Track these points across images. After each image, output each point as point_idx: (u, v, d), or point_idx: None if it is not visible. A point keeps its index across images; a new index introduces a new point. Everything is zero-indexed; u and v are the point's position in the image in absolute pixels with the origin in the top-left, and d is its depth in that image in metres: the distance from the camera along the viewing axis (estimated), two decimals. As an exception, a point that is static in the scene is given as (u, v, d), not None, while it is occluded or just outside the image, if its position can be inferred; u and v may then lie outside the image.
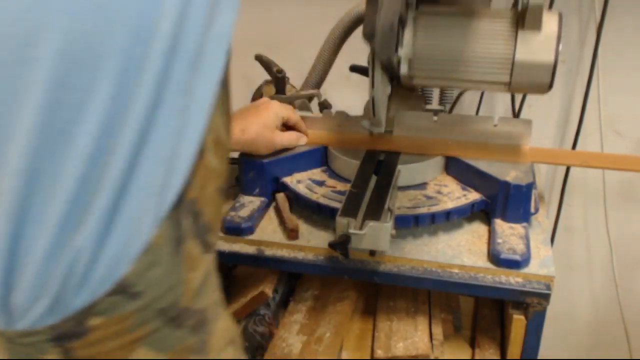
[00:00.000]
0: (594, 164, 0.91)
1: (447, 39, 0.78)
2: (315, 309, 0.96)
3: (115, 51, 0.42)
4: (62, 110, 0.42)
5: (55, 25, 0.41)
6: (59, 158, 0.43)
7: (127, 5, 0.42)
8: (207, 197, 0.53)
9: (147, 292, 0.49)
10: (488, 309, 0.98)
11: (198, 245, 0.53)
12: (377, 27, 0.71)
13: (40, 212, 0.44)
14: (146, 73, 0.43)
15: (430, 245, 0.83)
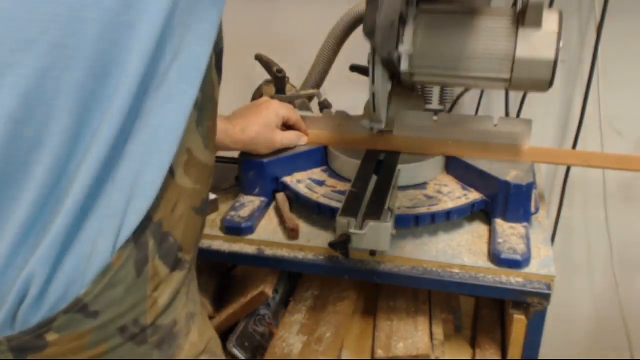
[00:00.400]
0: (594, 163, 0.91)
1: (447, 36, 0.78)
2: (316, 309, 0.96)
3: (73, 88, 0.43)
4: (20, 142, 0.43)
5: (14, 62, 0.42)
6: (16, 186, 0.44)
7: (85, 43, 0.43)
8: (176, 218, 0.53)
9: (106, 312, 0.49)
10: (488, 309, 0.98)
11: (165, 265, 0.53)
12: (377, 24, 0.71)
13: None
14: (109, 108, 0.45)
15: (431, 245, 0.83)
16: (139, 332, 0.52)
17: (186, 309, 0.58)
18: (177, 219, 0.53)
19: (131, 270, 0.49)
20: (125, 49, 0.44)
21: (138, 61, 0.45)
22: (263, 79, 1.09)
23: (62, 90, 0.43)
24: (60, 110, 0.43)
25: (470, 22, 0.78)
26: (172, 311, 0.55)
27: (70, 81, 0.43)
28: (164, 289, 0.53)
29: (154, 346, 0.54)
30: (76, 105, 0.44)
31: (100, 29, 0.43)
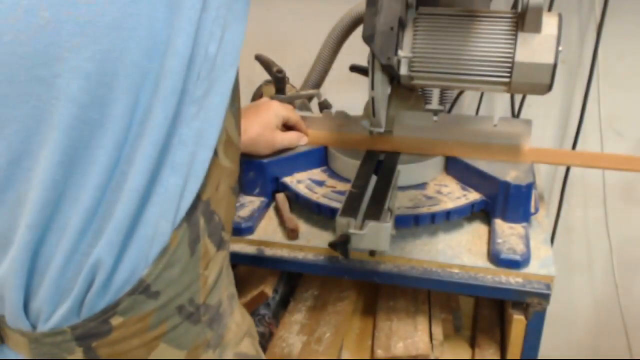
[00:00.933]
0: (594, 164, 0.91)
1: (447, 40, 0.78)
2: (316, 309, 0.96)
3: (130, 69, 0.44)
4: (84, 126, 0.44)
5: (73, 46, 0.42)
6: (81, 171, 0.45)
7: (140, 24, 0.43)
8: (220, 197, 0.54)
9: (166, 291, 0.50)
10: (488, 309, 0.98)
11: (212, 243, 0.54)
12: (377, 29, 0.72)
13: (62, 223, 0.46)
14: (162, 88, 0.45)
15: (430, 245, 0.83)
16: (194, 310, 0.53)
17: (227, 289, 0.59)
18: (220, 198, 0.55)
19: (185, 250, 0.51)
20: (176, 29, 0.45)
21: (187, 41, 0.45)
22: (263, 79, 1.09)
23: (121, 72, 0.43)
24: (119, 92, 0.44)
25: (469, 25, 0.78)
26: (217, 291, 0.56)
27: (127, 62, 0.43)
28: (212, 267, 0.55)
29: (207, 325, 0.55)
30: (133, 86, 0.44)
31: (152, 9, 0.43)
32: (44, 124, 0.43)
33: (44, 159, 0.44)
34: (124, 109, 0.44)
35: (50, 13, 0.41)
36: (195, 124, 0.48)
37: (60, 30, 0.42)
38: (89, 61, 0.42)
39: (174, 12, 0.44)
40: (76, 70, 0.42)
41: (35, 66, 0.42)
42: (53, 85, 0.42)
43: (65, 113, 0.43)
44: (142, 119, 0.45)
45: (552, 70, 0.75)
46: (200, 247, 0.52)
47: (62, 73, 0.42)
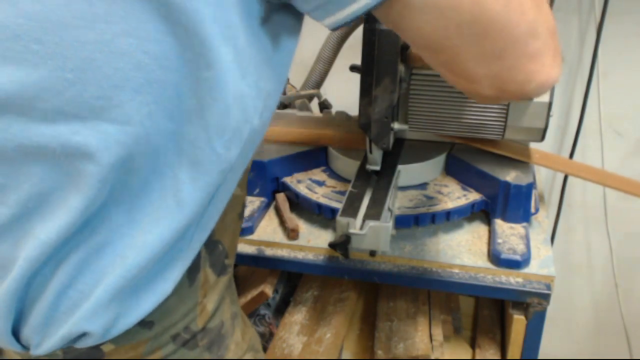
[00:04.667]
0: (609, 183, 0.91)
1: (440, 102, 0.80)
2: (316, 309, 0.96)
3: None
4: (113, 189, 0.44)
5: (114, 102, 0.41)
6: (92, 227, 0.45)
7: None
8: (226, 226, 0.54)
9: (160, 321, 0.50)
10: (488, 310, 0.98)
11: (213, 272, 0.53)
12: (372, 119, 0.75)
13: (60, 258, 0.45)
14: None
15: (431, 245, 0.83)
16: (189, 337, 0.52)
17: (230, 309, 0.59)
18: (226, 226, 0.54)
19: (184, 280, 0.50)
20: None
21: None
22: (263, 79, 1.08)
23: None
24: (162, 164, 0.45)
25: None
26: (218, 315, 0.56)
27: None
28: (212, 294, 0.54)
29: (205, 349, 0.54)
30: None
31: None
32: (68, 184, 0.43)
33: (64, 209, 0.43)
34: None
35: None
36: (227, 186, 0.49)
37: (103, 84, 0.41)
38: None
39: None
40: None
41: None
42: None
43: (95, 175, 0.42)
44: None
45: (543, 131, 0.79)
46: (199, 277, 0.52)
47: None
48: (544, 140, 0.81)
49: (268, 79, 0.46)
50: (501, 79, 0.45)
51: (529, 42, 0.43)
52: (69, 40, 0.38)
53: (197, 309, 0.52)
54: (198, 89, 0.41)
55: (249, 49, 0.43)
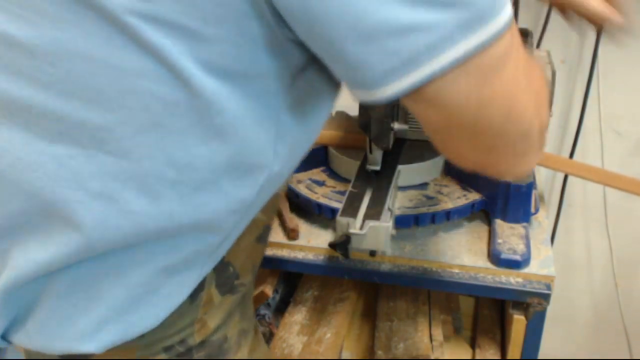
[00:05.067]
0: (609, 182, 0.91)
1: None
2: (316, 309, 0.96)
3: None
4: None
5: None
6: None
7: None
8: (239, 249, 0.53)
9: (153, 332, 0.49)
10: (488, 310, 0.98)
11: (219, 292, 0.52)
12: (372, 118, 0.76)
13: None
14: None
15: (431, 245, 0.83)
16: (184, 351, 0.52)
17: (239, 325, 0.57)
18: (240, 250, 0.53)
19: (186, 298, 0.49)
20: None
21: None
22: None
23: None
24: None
25: None
26: (223, 329, 0.55)
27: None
28: (216, 312, 0.53)
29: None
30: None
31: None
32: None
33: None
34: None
35: None
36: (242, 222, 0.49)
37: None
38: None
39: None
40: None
41: None
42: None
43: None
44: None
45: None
46: (202, 295, 0.51)
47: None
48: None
49: (293, 127, 0.46)
50: (485, 165, 0.48)
51: (519, 144, 0.45)
52: (80, 71, 0.39)
53: (195, 325, 0.52)
54: (206, 135, 0.42)
55: (266, 97, 0.43)
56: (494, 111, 0.42)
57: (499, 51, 0.39)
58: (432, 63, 0.37)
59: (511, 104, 0.42)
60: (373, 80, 0.39)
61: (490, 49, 0.38)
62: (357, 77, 0.40)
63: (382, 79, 0.38)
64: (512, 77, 0.42)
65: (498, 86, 0.41)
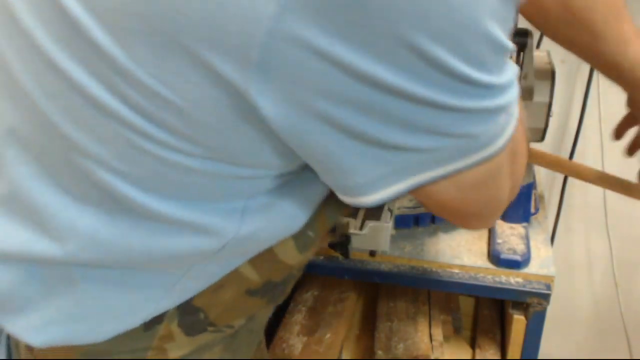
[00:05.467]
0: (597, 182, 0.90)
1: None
2: (316, 309, 0.96)
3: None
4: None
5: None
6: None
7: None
8: (218, 300, 0.50)
9: (102, 343, 0.48)
10: (488, 310, 0.98)
11: (183, 331, 0.50)
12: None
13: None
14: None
15: (431, 245, 0.83)
16: None
17: (217, 357, 0.54)
18: (218, 301, 0.50)
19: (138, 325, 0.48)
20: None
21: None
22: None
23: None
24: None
25: None
26: (194, 357, 0.52)
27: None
28: (177, 347, 0.50)
29: None
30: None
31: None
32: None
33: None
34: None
35: None
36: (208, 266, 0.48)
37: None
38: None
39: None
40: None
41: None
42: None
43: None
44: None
45: (543, 132, 0.79)
46: (159, 328, 0.49)
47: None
48: (544, 140, 0.81)
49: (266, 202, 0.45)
50: (452, 220, 0.50)
51: (492, 217, 0.49)
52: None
53: (149, 351, 0.49)
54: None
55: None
56: (474, 205, 0.44)
57: (490, 167, 0.40)
58: (421, 176, 0.38)
59: (492, 199, 0.44)
60: (364, 187, 0.39)
61: (480, 167, 0.39)
62: (348, 183, 0.39)
63: (371, 186, 0.39)
64: (499, 182, 0.43)
65: (483, 192, 0.43)
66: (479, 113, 0.36)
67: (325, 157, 0.38)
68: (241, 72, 0.32)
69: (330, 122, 0.35)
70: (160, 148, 0.38)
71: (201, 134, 0.37)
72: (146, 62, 0.34)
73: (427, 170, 0.38)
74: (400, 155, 0.37)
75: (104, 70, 0.35)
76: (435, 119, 0.35)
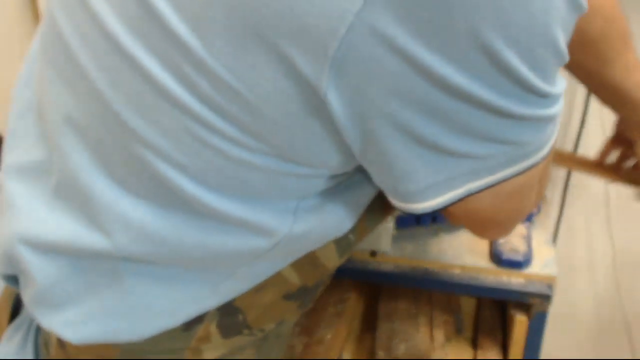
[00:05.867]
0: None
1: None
2: (316, 310, 0.96)
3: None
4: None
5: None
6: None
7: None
8: (258, 302, 0.50)
9: (140, 342, 0.48)
10: (490, 310, 0.97)
11: (220, 332, 0.50)
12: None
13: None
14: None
15: (432, 245, 0.83)
16: None
17: (252, 357, 0.54)
18: (258, 303, 0.50)
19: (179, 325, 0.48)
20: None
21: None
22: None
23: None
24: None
25: None
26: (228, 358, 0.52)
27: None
28: (213, 349, 0.51)
29: None
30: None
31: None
32: None
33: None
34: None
35: None
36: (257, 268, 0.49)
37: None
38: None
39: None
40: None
41: None
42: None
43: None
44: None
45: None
46: (198, 329, 0.49)
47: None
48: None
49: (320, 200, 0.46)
50: (489, 228, 0.49)
51: (513, 226, 0.49)
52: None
53: (185, 351, 0.49)
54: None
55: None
56: (503, 214, 0.44)
57: (530, 176, 0.41)
58: (473, 184, 0.39)
59: (520, 208, 0.45)
60: (415, 194, 0.39)
61: (522, 176, 0.40)
62: (400, 188, 0.40)
63: (421, 194, 0.39)
64: (530, 191, 0.44)
65: (515, 200, 0.43)
66: (534, 122, 0.37)
67: (384, 159, 0.38)
68: (316, 66, 0.33)
69: (395, 122, 0.35)
70: (225, 142, 0.38)
71: (267, 130, 0.37)
72: (222, 53, 0.34)
73: (478, 178, 0.38)
74: (455, 161, 0.37)
75: (177, 59, 0.35)
76: (494, 125, 0.35)
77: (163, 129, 0.38)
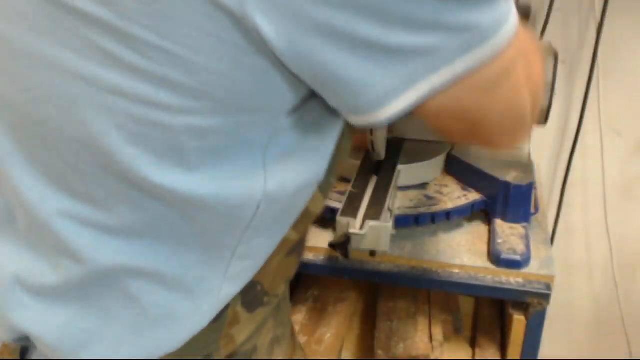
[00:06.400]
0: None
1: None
2: (316, 309, 0.96)
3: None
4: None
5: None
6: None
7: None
8: (269, 269, 0.50)
9: (178, 351, 0.47)
10: (488, 310, 0.98)
11: (245, 309, 0.50)
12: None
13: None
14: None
15: (431, 245, 0.83)
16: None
17: (271, 333, 0.55)
18: (270, 270, 0.50)
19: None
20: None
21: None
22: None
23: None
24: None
25: None
26: (253, 339, 0.52)
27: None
28: (244, 327, 0.51)
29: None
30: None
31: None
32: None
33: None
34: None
35: None
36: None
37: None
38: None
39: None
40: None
41: None
42: None
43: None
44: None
45: (546, 112, 0.77)
46: (227, 314, 0.48)
47: None
48: (547, 122, 0.79)
49: (289, 151, 0.45)
50: (475, 141, 0.49)
51: (513, 129, 0.47)
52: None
53: (220, 341, 0.49)
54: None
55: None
56: (493, 112, 0.42)
57: (501, 64, 0.39)
58: (429, 82, 0.37)
59: (510, 104, 0.43)
60: (375, 102, 0.38)
61: (491, 65, 0.38)
62: (359, 102, 0.39)
63: (381, 99, 0.38)
64: (514, 84, 0.42)
65: (498, 95, 0.41)
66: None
67: (331, 76, 0.37)
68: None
69: (332, 33, 0.34)
70: (167, 113, 0.37)
71: (207, 84, 0.36)
72: (135, 13, 0.33)
73: (433, 71, 0.37)
74: (404, 59, 0.36)
75: (92, 38, 0.34)
76: (432, 9, 0.35)
77: (110, 122, 0.38)
